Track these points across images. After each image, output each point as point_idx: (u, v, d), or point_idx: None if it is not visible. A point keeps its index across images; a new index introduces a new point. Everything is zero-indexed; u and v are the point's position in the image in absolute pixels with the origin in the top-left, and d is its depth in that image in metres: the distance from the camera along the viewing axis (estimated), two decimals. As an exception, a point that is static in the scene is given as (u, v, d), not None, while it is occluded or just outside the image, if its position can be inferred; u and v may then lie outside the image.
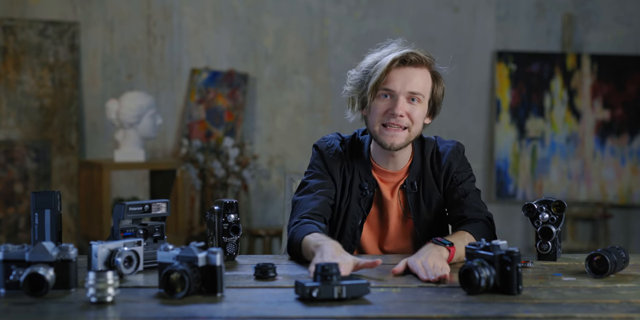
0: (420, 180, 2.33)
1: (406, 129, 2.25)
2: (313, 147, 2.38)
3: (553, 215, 2.17)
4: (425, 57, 2.27)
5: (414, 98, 2.25)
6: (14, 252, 1.76)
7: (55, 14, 5.16)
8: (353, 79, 2.33)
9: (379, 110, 2.25)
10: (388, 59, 2.24)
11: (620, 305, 1.65)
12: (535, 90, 5.42)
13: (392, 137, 2.24)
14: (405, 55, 2.24)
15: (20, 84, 5.03)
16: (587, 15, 5.46)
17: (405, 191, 2.32)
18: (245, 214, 5.25)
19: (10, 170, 5.00)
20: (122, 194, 5.17)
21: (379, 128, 2.25)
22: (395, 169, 2.33)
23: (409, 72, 2.25)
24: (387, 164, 2.33)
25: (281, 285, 1.84)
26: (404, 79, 2.24)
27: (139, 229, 2.05)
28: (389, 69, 2.23)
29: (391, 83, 2.24)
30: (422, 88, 2.27)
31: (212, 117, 5.29)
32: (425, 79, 2.28)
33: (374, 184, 2.32)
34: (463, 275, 1.74)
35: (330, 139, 2.38)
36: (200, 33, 5.32)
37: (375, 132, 2.26)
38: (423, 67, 2.27)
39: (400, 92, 2.24)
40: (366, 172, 2.32)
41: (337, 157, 2.33)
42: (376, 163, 2.34)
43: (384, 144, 2.25)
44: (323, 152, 2.35)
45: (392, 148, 2.25)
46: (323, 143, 2.37)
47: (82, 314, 1.60)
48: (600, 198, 5.41)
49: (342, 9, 5.39)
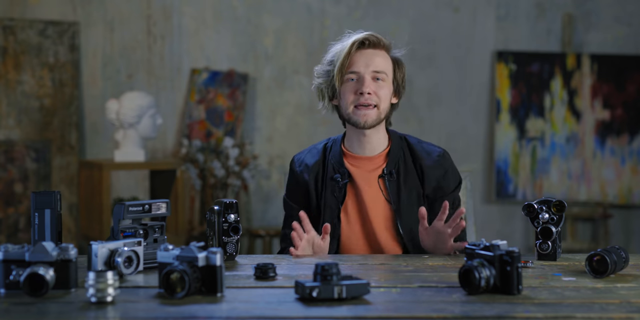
0: (399, 170, 2.39)
1: (375, 107, 2.37)
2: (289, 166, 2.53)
3: (553, 215, 2.17)
4: (383, 39, 2.40)
5: (378, 77, 2.38)
6: (14, 252, 1.76)
7: (55, 14, 5.16)
8: (319, 71, 2.45)
9: (348, 93, 2.38)
10: (348, 43, 2.38)
11: (620, 305, 1.65)
12: (535, 90, 5.42)
13: (364, 115, 2.36)
14: (364, 37, 2.38)
15: (20, 84, 5.03)
16: (587, 15, 5.46)
17: (384, 179, 2.38)
18: (245, 214, 5.25)
19: (10, 170, 5.00)
20: (122, 194, 5.17)
21: (352, 109, 2.37)
22: (371, 153, 2.41)
23: (369, 53, 2.39)
24: (362, 149, 2.42)
25: (281, 285, 1.84)
26: (367, 60, 2.37)
27: (139, 229, 2.05)
28: (350, 51, 2.37)
29: (355, 65, 2.37)
30: (385, 67, 2.39)
31: (212, 117, 5.29)
32: (386, 59, 2.41)
33: (346, 173, 2.39)
34: (463, 275, 1.74)
35: (301, 153, 2.52)
36: (200, 33, 5.33)
37: (349, 114, 2.38)
38: (382, 49, 2.40)
39: (365, 72, 2.36)
40: (339, 163, 2.41)
41: (304, 169, 2.45)
42: (349, 151, 2.43)
43: (358, 122, 2.36)
44: (292, 168, 2.49)
45: (365, 126, 2.36)
46: (292, 161, 2.51)
47: (82, 314, 1.60)
48: (600, 198, 5.41)
49: (342, 9, 5.39)
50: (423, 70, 5.31)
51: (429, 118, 5.41)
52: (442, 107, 5.40)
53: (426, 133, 5.27)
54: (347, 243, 2.38)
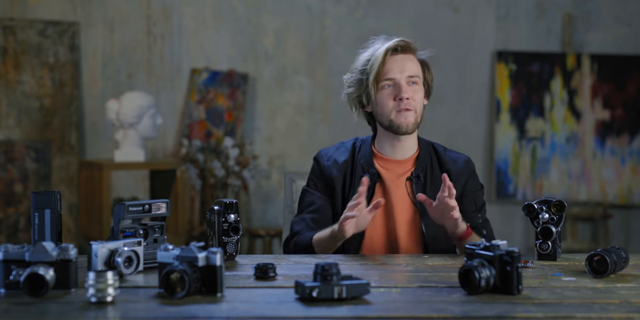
0: (426, 174, 2.42)
1: (413, 111, 2.40)
2: (313, 159, 2.52)
3: (553, 215, 2.17)
4: (412, 43, 2.44)
5: (413, 81, 2.41)
6: (14, 252, 1.76)
7: (55, 14, 5.16)
8: (351, 80, 2.47)
9: (387, 99, 2.40)
10: (381, 51, 2.39)
11: (620, 305, 1.65)
12: (535, 90, 5.42)
13: (406, 118, 2.39)
14: (396, 44, 2.40)
15: (20, 84, 5.03)
16: (587, 15, 5.46)
17: (412, 182, 2.41)
18: (245, 214, 5.25)
19: (10, 170, 5.00)
20: (122, 194, 5.17)
21: (394, 115, 2.39)
22: (402, 157, 2.44)
23: (401, 58, 2.41)
24: (393, 153, 2.44)
25: (281, 285, 1.84)
26: (401, 66, 2.40)
27: (139, 229, 2.05)
28: (384, 60, 2.39)
29: (390, 72, 2.39)
30: (417, 71, 2.43)
31: (212, 117, 5.29)
32: (417, 63, 2.45)
33: (375, 174, 2.41)
34: (463, 275, 1.74)
35: (328, 149, 2.52)
36: (200, 33, 5.32)
37: (391, 120, 2.39)
38: (411, 53, 2.44)
39: (401, 78, 2.39)
40: (368, 164, 2.42)
41: (333, 162, 2.45)
42: (381, 153, 2.45)
43: (400, 128, 2.39)
44: (319, 162, 2.48)
45: (407, 131, 2.40)
46: (319, 155, 2.50)
47: (82, 314, 1.60)
48: (600, 198, 5.41)
49: (342, 9, 5.38)
50: (423, 70, 5.31)
51: (429, 118, 5.34)
52: (442, 107, 5.39)
53: (426, 133, 5.21)
54: (369, 242, 2.38)
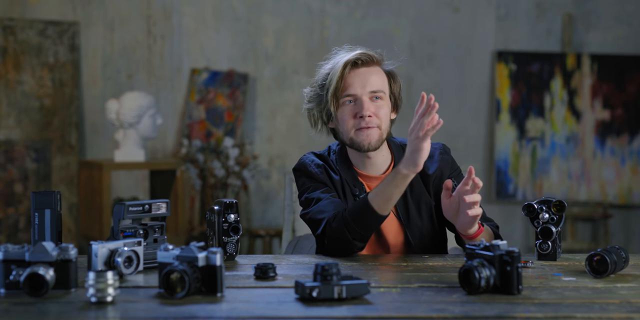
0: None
1: (377, 128, 2.25)
2: (293, 171, 2.36)
3: (553, 215, 2.17)
4: (375, 55, 2.28)
5: (376, 97, 2.26)
6: (14, 252, 1.76)
7: (55, 14, 5.16)
8: (311, 95, 2.33)
9: (347, 117, 2.25)
10: (340, 65, 2.24)
11: (620, 305, 1.65)
12: (535, 90, 5.42)
13: (367, 137, 2.24)
14: (356, 57, 2.25)
15: (20, 84, 5.03)
16: (587, 15, 5.46)
17: None
18: (245, 214, 5.25)
19: (10, 170, 5.00)
20: (122, 194, 5.17)
21: (353, 133, 2.25)
22: (377, 173, 2.32)
23: (364, 72, 2.26)
24: (368, 170, 2.32)
25: (281, 285, 1.84)
26: (362, 81, 2.25)
27: (139, 229, 2.05)
28: (343, 74, 2.24)
29: (350, 87, 2.25)
30: (381, 85, 2.28)
31: (212, 117, 5.29)
32: (382, 76, 2.29)
33: (362, 189, 2.30)
34: (463, 275, 1.74)
35: (306, 157, 2.36)
36: (200, 33, 5.33)
37: (352, 139, 2.26)
38: (375, 66, 2.29)
39: (362, 94, 2.25)
40: (353, 178, 2.31)
41: (322, 170, 2.31)
42: (357, 168, 2.33)
43: (361, 146, 2.25)
44: (307, 169, 2.32)
45: (369, 149, 2.26)
46: (302, 164, 2.34)
47: (82, 314, 1.60)
48: (600, 198, 5.41)
49: (342, 9, 5.39)
50: (423, 70, 5.31)
51: (429, 118, 5.40)
52: (442, 107, 5.36)
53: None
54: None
